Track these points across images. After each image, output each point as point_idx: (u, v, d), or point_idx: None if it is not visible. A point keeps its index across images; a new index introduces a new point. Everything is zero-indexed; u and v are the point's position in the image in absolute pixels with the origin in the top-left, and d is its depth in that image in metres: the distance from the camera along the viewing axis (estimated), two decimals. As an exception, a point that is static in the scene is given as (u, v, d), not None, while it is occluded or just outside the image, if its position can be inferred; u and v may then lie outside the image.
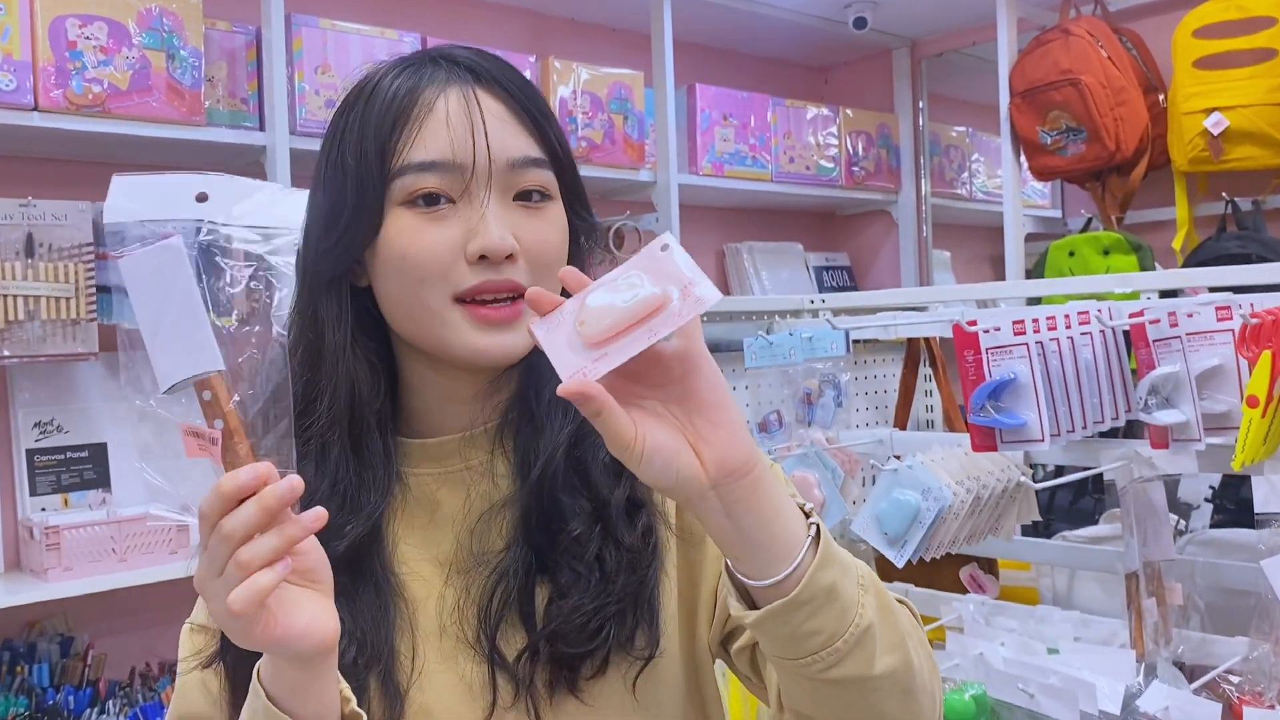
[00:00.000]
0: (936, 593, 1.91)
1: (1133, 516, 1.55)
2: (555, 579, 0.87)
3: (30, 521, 2.11)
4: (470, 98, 0.87)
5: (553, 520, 0.88)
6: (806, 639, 0.73)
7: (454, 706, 0.87)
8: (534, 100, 0.90)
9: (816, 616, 0.72)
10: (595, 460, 0.90)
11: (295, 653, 0.74)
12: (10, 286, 2.01)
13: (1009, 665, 1.52)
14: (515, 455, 0.91)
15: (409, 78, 0.88)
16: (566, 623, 0.84)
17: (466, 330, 0.85)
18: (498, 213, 0.85)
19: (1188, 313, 1.50)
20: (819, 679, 0.75)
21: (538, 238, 0.87)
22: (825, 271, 3.70)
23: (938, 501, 1.58)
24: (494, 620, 0.87)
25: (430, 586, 0.91)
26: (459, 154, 0.85)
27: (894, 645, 0.77)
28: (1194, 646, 1.55)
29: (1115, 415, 1.65)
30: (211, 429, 0.73)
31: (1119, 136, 2.78)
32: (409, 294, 0.86)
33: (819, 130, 3.40)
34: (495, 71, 0.89)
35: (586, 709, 0.86)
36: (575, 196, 0.93)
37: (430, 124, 0.86)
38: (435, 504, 0.92)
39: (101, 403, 2.31)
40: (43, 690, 2.06)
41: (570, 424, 0.90)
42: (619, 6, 3.10)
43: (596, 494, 0.88)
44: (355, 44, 2.44)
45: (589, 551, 0.86)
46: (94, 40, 2.08)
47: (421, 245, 0.85)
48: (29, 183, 2.24)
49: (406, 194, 0.85)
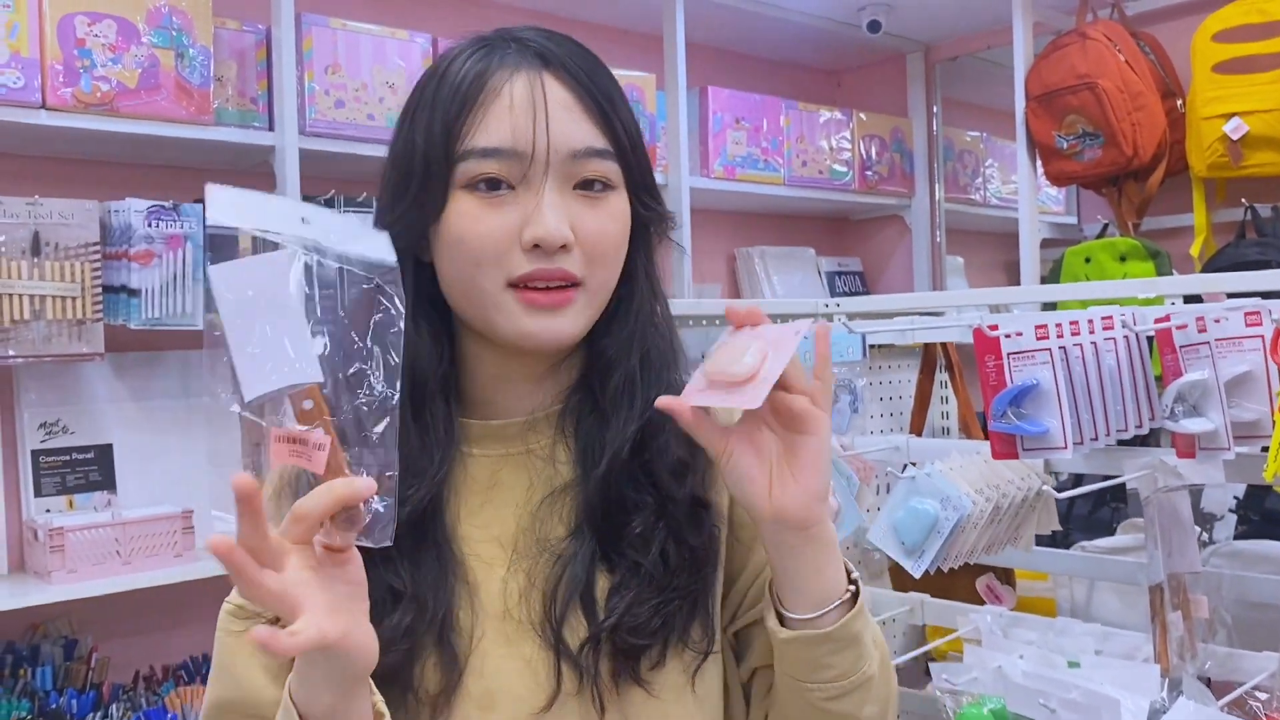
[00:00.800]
0: (953, 603, 1.88)
1: (1157, 527, 1.51)
2: (617, 570, 0.89)
3: (35, 523, 2.09)
4: (536, 84, 0.87)
5: (617, 513, 0.90)
6: (821, 670, 0.86)
7: (516, 689, 0.88)
8: (602, 88, 0.90)
9: (837, 655, 0.86)
10: (662, 458, 0.91)
11: (347, 665, 0.75)
12: (16, 286, 1.98)
13: (1029, 679, 1.48)
14: (577, 443, 0.93)
15: (480, 60, 0.89)
16: (629, 615, 0.87)
17: (517, 314, 0.87)
18: (555, 202, 0.86)
19: (1215, 318, 1.47)
20: (818, 705, 0.87)
21: (595, 228, 0.88)
22: (837, 276, 3.67)
23: (957, 510, 1.55)
24: (560, 609, 0.88)
25: (492, 568, 0.91)
26: (520, 142, 0.86)
27: (881, 700, 0.90)
28: (1220, 661, 1.52)
29: (1139, 423, 1.62)
30: (310, 436, 0.74)
31: (1136, 141, 2.76)
32: (465, 276, 0.88)
33: (832, 134, 3.38)
34: (565, 57, 0.89)
35: (651, 699, 0.89)
36: (642, 185, 0.94)
37: (495, 109, 0.87)
38: (496, 484, 0.94)
39: (107, 404, 2.29)
40: (46, 693, 2.04)
41: (637, 420, 0.91)
42: (631, 8, 3.08)
43: (662, 490, 0.90)
44: (366, 44, 2.42)
45: (653, 546, 0.89)
46: (103, 38, 2.07)
47: (479, 230, 0.86)
48: (36, 181, 2.22)
49: (468, 178, 0.87)
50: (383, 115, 2.42)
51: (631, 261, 0.95)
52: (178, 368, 2.40)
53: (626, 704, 0.89)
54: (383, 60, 2.44)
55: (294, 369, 0.74)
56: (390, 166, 0.93)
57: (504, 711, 0.87)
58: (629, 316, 0.94)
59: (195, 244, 2.17)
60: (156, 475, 2.31)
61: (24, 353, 2.00)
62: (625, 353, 0.93)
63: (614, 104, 0.91)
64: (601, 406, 0.92)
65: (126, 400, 2.33)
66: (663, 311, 0.97)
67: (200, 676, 2.25)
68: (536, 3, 3.03)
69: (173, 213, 2.15)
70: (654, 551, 0.89)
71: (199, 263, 2.18)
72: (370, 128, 2.41)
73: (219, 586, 2.57)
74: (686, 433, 0.83)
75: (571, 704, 0.88)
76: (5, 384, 2.20)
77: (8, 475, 2.19)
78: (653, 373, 0.93)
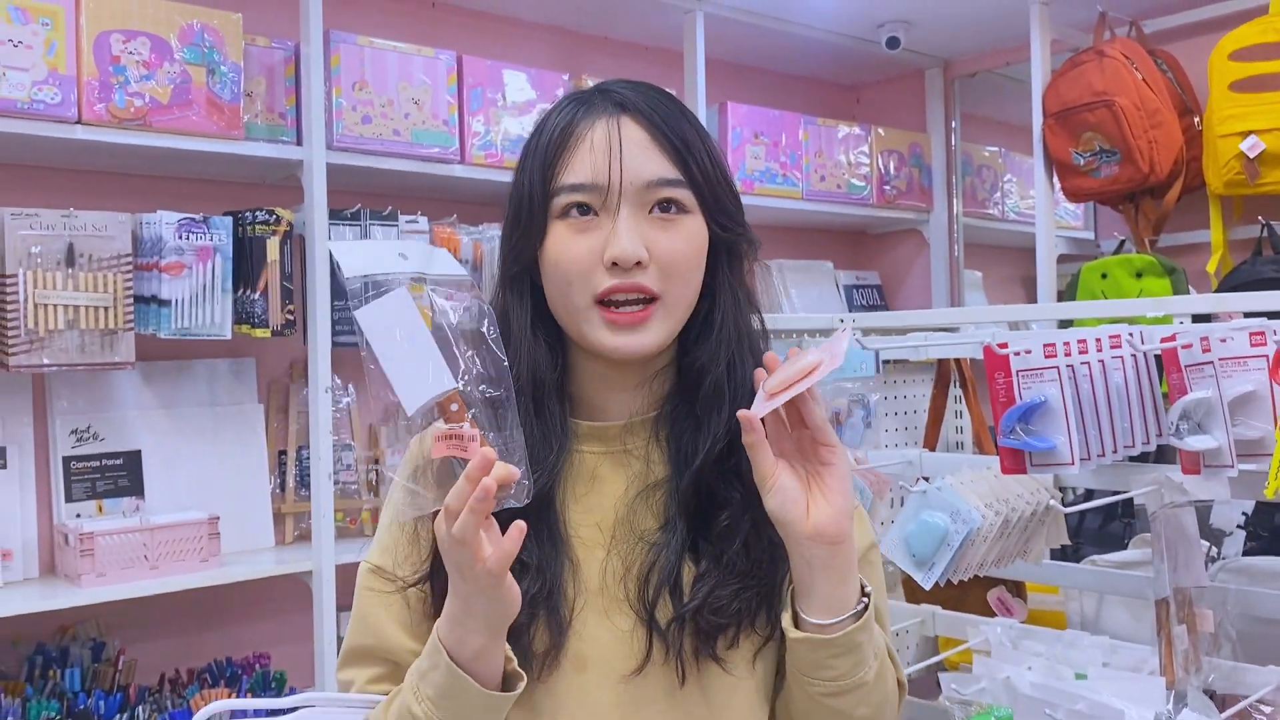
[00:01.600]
0: (964, 615, 1.90)
1: (1163, 542, 1.54)
2: (703, 558, 1.02)
3: (65, 527, 2.14)
4: (613, 127, 1.02)
5: (708, 506, 1.03)
6: (823, 669, 0.99)
7: (607, 656, 1.02)
8: (675, 126, 1.04)
9: (838, 659, 0.98)
10: (748, 461, 1.00)
11: (504, 609, 0.91)
12: (51, 296, 2.04)
13: (1036, 690, 1.51)
14: (671, 444, 1.07)
15: (571, 112, 1.05)
16: (712, 597, 1.00)
17: (601, 330, 1.01)
18: (629, 225, 1.00)
19: (1221, 338, 1.49)
20: (815, 699, 1.00)
21: (669, 246, 1.01)
22: (855, 290, 3.70)
23: (966, 524, 1.57)
24: (653, 593, 1.02)
25: (592, 549, 1.05)
26: (598, 176, 1.01)
27: (875, 704, 1.02)
28: (1225, 675, 1.54)
29: (1146, 440, 1.64)
30: (464, 431, 0.89)
31: (1153, 159, 2.77)
32: (561, 293, 1.03)
33: (850, 149, 3.40)
34: (641, 102, 1.04)
35: (725, 675, 1.03)
36: (719, 209, 1.06)
37: (579, 151, 1.02)
38: (596, 478, 1.08)
39: (136, 411, 2.35)
40: (74, 694, 2.08)
41: (725, 423, 1.03)
42: (652, 25, 3.12)
43: (748, 488, 1.01)
44: (392, 61, 2.47)
45: (737, 538, 1.02)
46: (137, 55, 2.12)
47: (570, 254, 1.01)
48: (71, 194, 2.28)
49: (561, 208, 1.02)
50: (408, 131, 2.47)
51: (713, 278, 1.08)
52: (205, 376, 2.45)
53: (703, 676, 1.02)
54: (408, 77, 2.49)
55: (436, 381, 0.90)
56: (508, 205, 1.08)
57: (594, 673, 1.02)
58: (714, 329, 1.07)
59: (224, 256, 2.23)
60: (183, 481, 2.36)
61: (58, 361, 2.06)
62: (714, 362, 1.06)
63: (686, 139, 1.04)
64: (696, 413, 1.05)
65: (155, 408, 2.38)
66: (749, 326, 1.10)
67: (224, 679, 2.29)
68: (561, 21, 3.08)
69: (202, 225, 2.20)
70: (737, 543, 1.02)
71: (227, 274, 2.24)
72: (395, 143, 2.46)
73: (244, 591, 2.63)
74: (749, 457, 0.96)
75: (657, 672, 1.02)
76: (38, 391, 2.26)
77: (40, 480, 2.25)
78: (738, 382, 1.05)
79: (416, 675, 0.95)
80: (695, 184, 1.03)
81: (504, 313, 1.06)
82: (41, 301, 2.03)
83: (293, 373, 2.58)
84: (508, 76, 2.64)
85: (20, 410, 2.22)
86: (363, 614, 1.07)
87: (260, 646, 2.44)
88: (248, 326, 2.28)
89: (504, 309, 1.07)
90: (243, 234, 2.28)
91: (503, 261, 1.08)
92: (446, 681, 0.92)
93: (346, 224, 2.42)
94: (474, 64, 2.61)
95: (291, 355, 2.57)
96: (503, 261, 1.08)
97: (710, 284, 1.07)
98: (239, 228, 2.28)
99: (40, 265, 2.05)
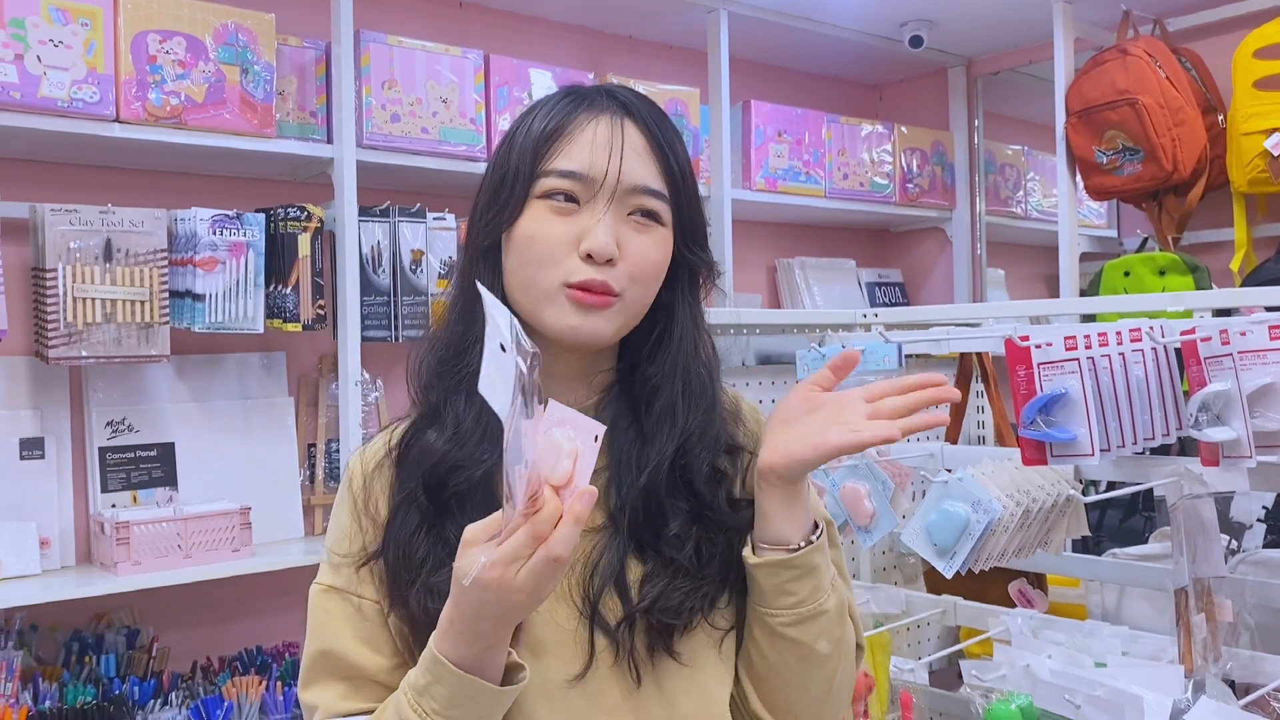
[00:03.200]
0: (985, 606, 1.92)
1: (1183, 533, 1.55)
2: (648, 560, 1.03)
3: (101, 517, 2.19)
4: (617, 127, 1.03)
5: (656, 517, 1.03)
6: (783, 595, 1.01)
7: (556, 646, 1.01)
8: (670, 142, 1.06)
9: (797, 583, 1.00)
10: (698, 469, 1.05)
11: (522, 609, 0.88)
12: (89, 290, 2.09)
13: (1056, 677, 1.53)
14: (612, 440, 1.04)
15: (574, 102, 1.06)
16: (663, 599, 1.00)
17: (566, 309, 1.01)
18: (609, 223, 1.01)
19: (1240, 331, 1.51)
20: (778, 631, 1.01)
21: (639, 249, 1.03)
22: (878, 288, 3.71)
23: (987, 514, 1.59)
24: (596, 591, 1.01)
25: None
26: (594, 169, 1.02)
27: (835, 640, 1.04)
28: (1243, 664, 1.55)
29: (1166, 432, 1.66)
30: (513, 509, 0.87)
31: (1176, 157, 2.77)
32: (527, 272, 1.03)
33: (873, 147, 3.42)
34: (645, 111, 1.06)
35: (682, 668, 1.02)
36: (689, 229, 1.08)
37: (579, 140, 1.03)
38: None
39: (170, 404, 2.39)
40: (109, 680, 2.13)
41: (676, 439, 1.05)
42: (676, 24, 3.15)
43: (698, 497, 1.04)
44: (421, 60, 2.51)
45: (688, 544, 1.03)
46: (173, 55, 2.17)
47: (545, 233, 1.01)
48: (109, 190, 2.33)
49: (545, 190, 1.02)
50: (436, 129, 2.51)
51: (672, 295, 1.09)
52: (237, 370, 2.50)
53: (660, 673, 1.02)
54: (437, 76, 2.53)
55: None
56: (488, 178, 1.08)
57: (548, 663, 1.00)
58: (672, 346, 1.08)
59: (256, 251, 2.27)
60: (215, 473, 2.41)
61: (96, 354, 2.10)
62: (669, 380, 1.07)
63: (679, 158, 1.06)
64: (644, 428, 1.06)
65: (188, 400, 2.42)
66: (706, 348, 1.11)
67: (255, 667, 2.33)
68: (586, 21, 3.11)
69: (236, 221, 2.25)
70: (688, 548, 1.02)
71: (260, 270, 2.28)
72: (425, 141, 2.49)
73: (275, 581, 2.68)
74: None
75: (608, 675, 1.00)
76: (75, 383, 2.31)
77: (76, 471, 2.29)
78: (692, 399, 1.07)
79: (415, 693, 0.92)
80: (676, 201, 1.06)
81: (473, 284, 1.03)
82: (80, 295, 2.08)
83: (322, 367, 2.62)
84: (534, 75, 2.68)
85: (58, 402, 2.27)
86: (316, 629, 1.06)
87: (290, 636, 2.48)
88: (279, 321, 2.32)
89: (471, 282, 1.04)
90: (275, 230, 2.32)
91: (473, 234, 1.08)
92: (455, 691, 0.90)
93: (376, 220, 2.46)
94: (501, 63, 2.64)
95: (321, 349, 2.62)
96: (473, 234, 1.08)
97: (669, 302, 1.09)
98: (271, 224, 2.32)
99: (79, 260, 2.10)
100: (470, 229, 1.09)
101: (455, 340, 1.06)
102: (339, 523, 1.10)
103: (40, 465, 2.21)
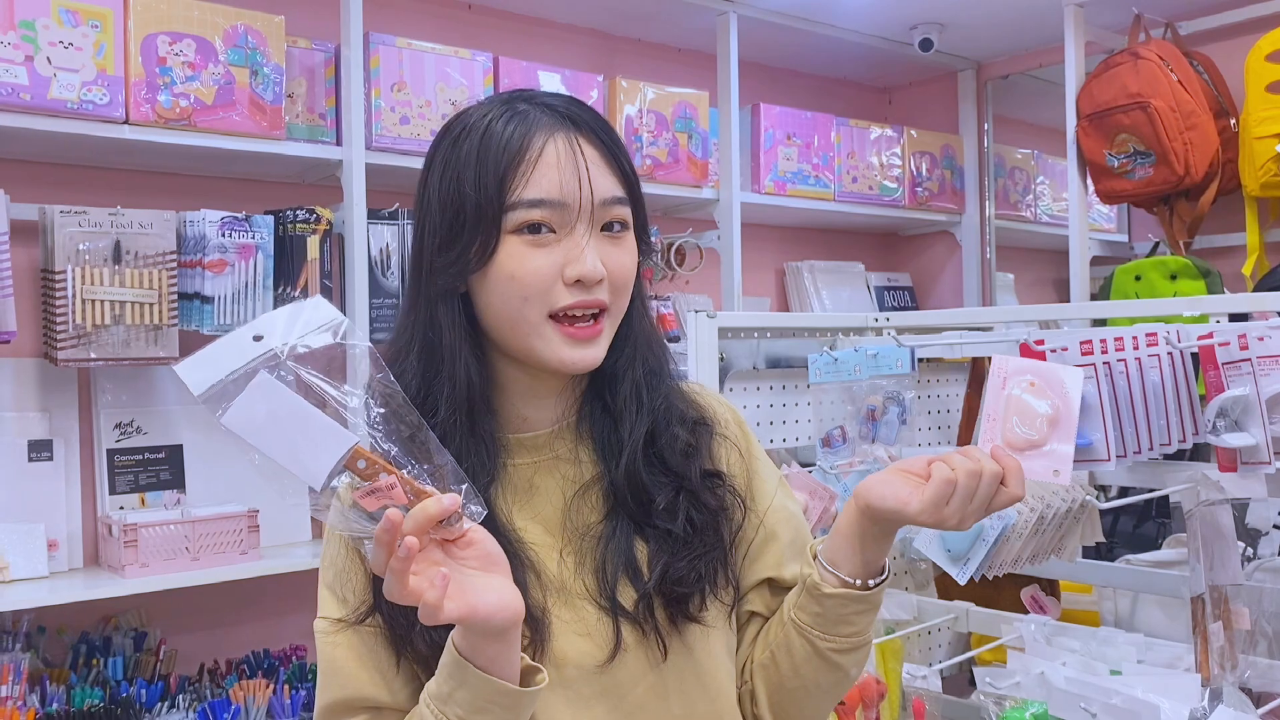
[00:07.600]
0: (997, 612, 1.91)
1: (1199, 539, 1.54)
2: (651, 539, 1.06)
3: (109, 519, 2.18)
4: (574, 144, 1.02)
5: (642, 494, 1.06)
6: (845, 625, 1.05)
7: (578, 650, 1.03)
8: (618, 144, 1.06)
9: (861, 616, 1.05)
10: (672, 447, 1.08)
11: (490, 626, 0.89)
12: (98, 292, 2.08)
13: (1071, 684, 1.52)
14: (596, 442, 1.09)
15: (519, 123, 1.02)
16: (671, 569, 1.03)
17: (557, 343, 1.01)
18: (594, 245, 1.01)
19: (1258, 336, 1.49)
20: (827, 655, 1.06)
21: (619, 263, 1.04)
22: (887, 291, 3.70)
23: (1001, 519, 1.58)
24: (612, 582, 1.04)
25: (545, 549, 1.06)
26: (566, 194, 1.00)
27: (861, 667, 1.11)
28: (1261, 672, 1.54)
29: (1182, 438, 1.64)
30: (380, 484, 0.86)
31: (1188, 161, 2.76)
32: (512, 308, 1.01)
33: (882, 150, 3.41)
34: (590, 120, 1.04)
35: (706, 629, 1.07)
36: (642, 225, 1.09)
37: (541, 166, 1.00)
38: (533, 488, 1.09)
39: (179, 406, 2.39)
40: (117, 683, 2.12)
41: (647, 418, 1.08)
42: (685, 27, 3.14)
43: (675, 470, 1.07)
44: (430, 62, 2.51)
45: (679, 514, 1.06)
46: (182, 57, 2.16)
47: (528, 269, 1.00)
48: (118, 192, 2.32)
49: (517, 224, 1.00)
50: (445, 131, 2.50)
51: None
52: (245, 372, 2.48)
53: (686, 639, 1.05)
54: (446, 79, 2.52)
55: (332, 446, 0.85)
56: (436, 214, 1.03)
57: (571, 669, 1.02)
58: (631, 334, 1.10)
59: (266, 254, 2.27)
60: (223, 476, 2.40)
61: (104, 355, 2.10)
62: (630, 366, 1.09)
63: (626, 156, 1.06)
64: (613, 412, 1.08)
65: (196, 403, 2.39)
66: (653, 327, 1.14)
67: (262, 670, 2.32)
68: (595, 23, 3.11)
69: (244, 223, 2.24)
70: (680, 518, 1.05)
71: (269, 272, 2.27)
72: (433, 143, 2.48)
73: (282, 583, 2.67)
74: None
75: (634, 654, 1.03)
76: (84, 385, 2.30)
77: (85, 473, 2.29)
78: (653, 379, 1.10)
79: (439, 701, 0.93)
80: (635, 202, 1.06)
81: (434, 328, 1.04)
82: (89, 297, 2.08)
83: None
84: (543, 77, 2.67)
85: (66, 404, 2.27)
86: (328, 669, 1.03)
87: (297, 639, 2.48)
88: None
89: (433, 325, 1.04)
90: (283, 232, 2.32)
91: (432, 274, 1.03)
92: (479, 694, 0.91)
93: (384, 223, 2.45)
94: (509, 65, 2.64)
95: (329, 352, 2.61)
96: (432, 274, 1.03)
97: None
98: (280, 226, 2.32)
99: (88, 262, 2.09)
100: (421, 270, 1.04)
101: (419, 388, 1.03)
102: (331, 558, 1.06)
103: (48, 467, 2.20)
